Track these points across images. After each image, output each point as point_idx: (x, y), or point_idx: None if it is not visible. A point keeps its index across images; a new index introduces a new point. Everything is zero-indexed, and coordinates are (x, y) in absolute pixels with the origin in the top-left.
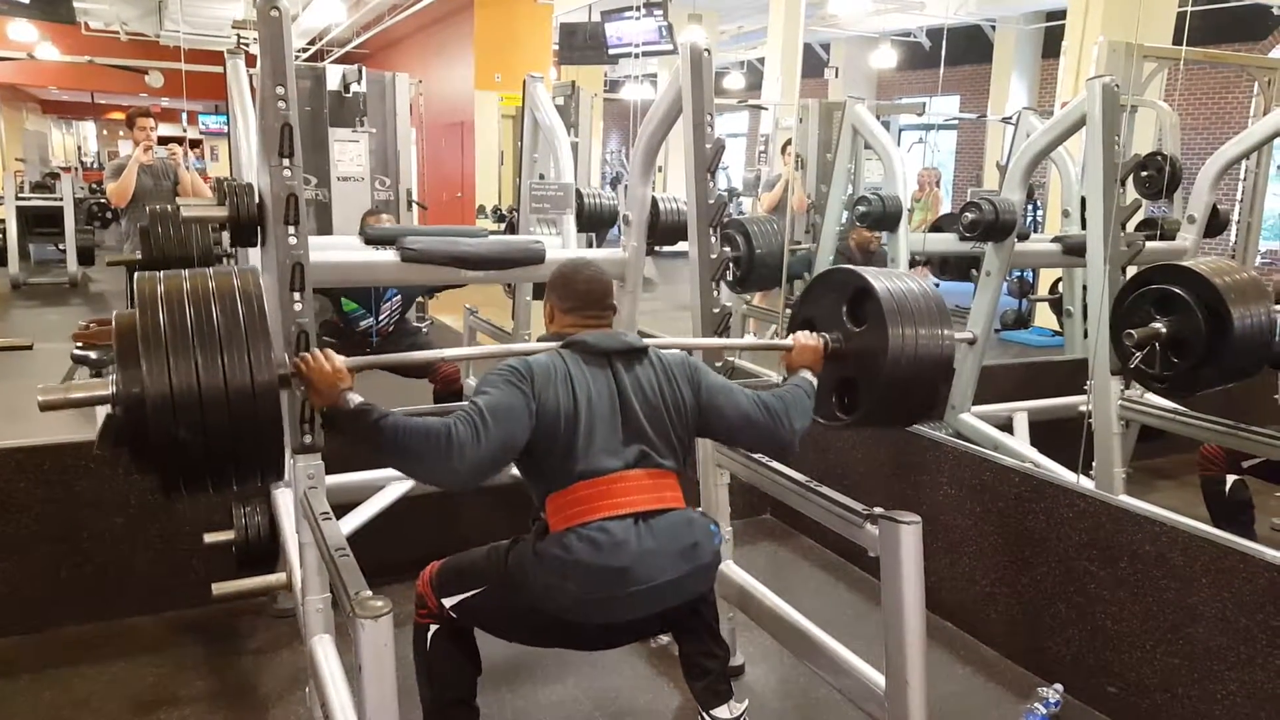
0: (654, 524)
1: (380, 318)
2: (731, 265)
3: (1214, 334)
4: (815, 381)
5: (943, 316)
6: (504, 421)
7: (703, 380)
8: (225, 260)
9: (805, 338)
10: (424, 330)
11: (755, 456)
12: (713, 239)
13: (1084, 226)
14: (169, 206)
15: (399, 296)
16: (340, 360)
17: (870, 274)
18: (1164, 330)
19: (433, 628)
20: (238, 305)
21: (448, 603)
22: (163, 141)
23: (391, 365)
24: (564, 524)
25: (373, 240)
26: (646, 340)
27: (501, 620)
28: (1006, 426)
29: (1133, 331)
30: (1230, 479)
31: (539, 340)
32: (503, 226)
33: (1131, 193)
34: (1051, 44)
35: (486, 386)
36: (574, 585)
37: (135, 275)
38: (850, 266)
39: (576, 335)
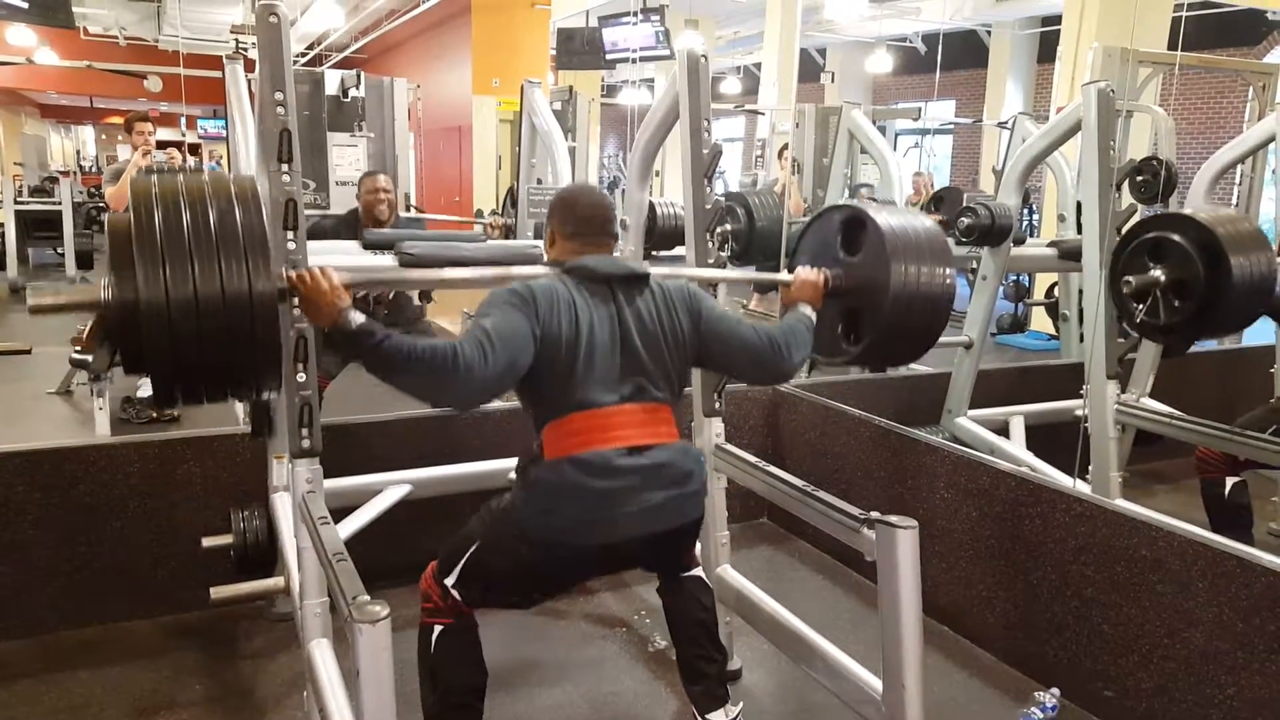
0: (647, 454)
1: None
2: (731, 239)
3: (1213, 277)
4: (814, 317)
5: (944, 251)
6: (509, 344)
7: (703, 308)
8: None
9: (806, 273)
10: (423, 305)
11: (753, 460)
12: (710, 244)
13: (1079, 231)
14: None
15: None
16: (339, 277)
17: (871, 208)
18: (1162, 277)
19: (437, 628)
20: (235, 210)
21: (449, 581)
22: (161, 146)
23: (385, 288)
24: (559, 452)
25: (371, 245)
26: (648, 267)
27: (498, 575)
28: (1003, 430)
29: (1130, 278)
30: (1230, 481)
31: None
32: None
33: (1127, 197)
34: (1047, 49)
35: (490, 309)
36: (567, 506)
37: (131, 179)
38: (851, 201)
39: (578, 260)
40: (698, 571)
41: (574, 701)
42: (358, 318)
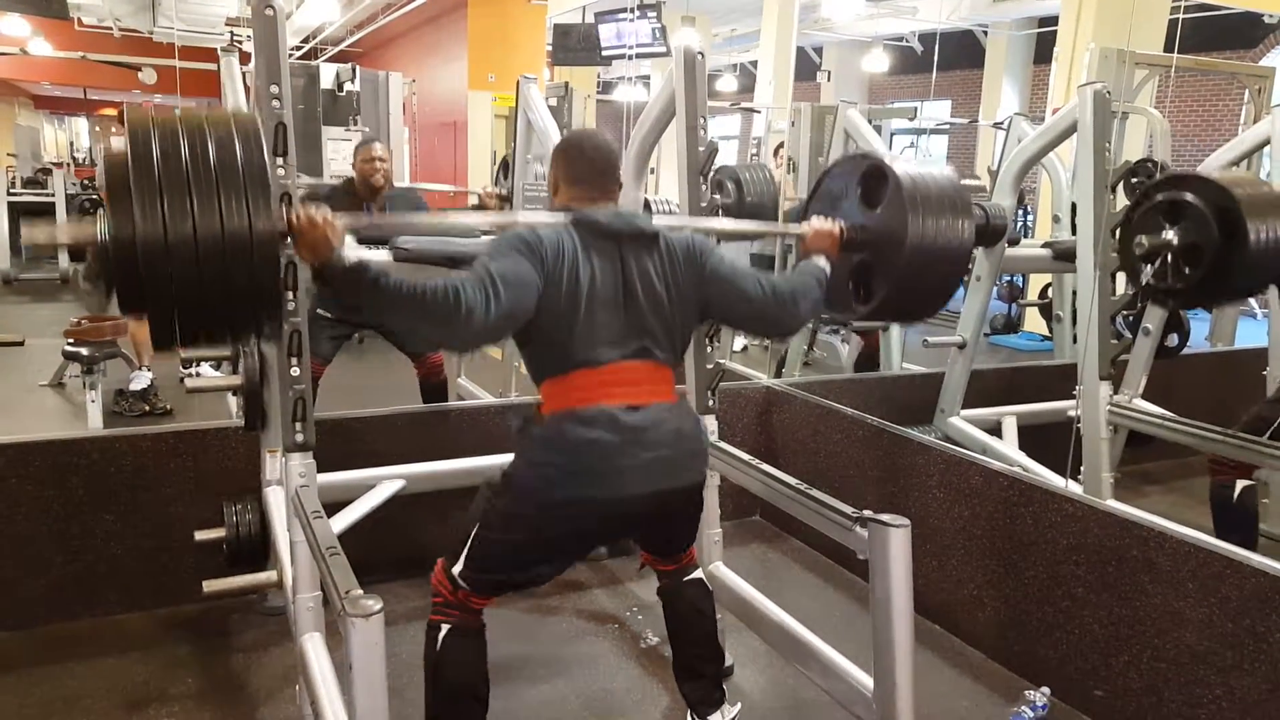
0: (646, 412)
1: None
2: (721, 213)
3: (1227, 245)
4: (828, 268)
5: (963, 204)
6: (514, 288)
7: (708, 261)
8: None
9: (821, 223)
10: None
11: (746, 458)
12: None
13: (1074, 232)
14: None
15: None
16: (332, 215)
17: (890, 157)
18: (1175, 240)
19: (445, 626)
20: (235, 144)
21: (456, 569)
22: None
23: (388, 229)
24: (556, 408)
25: (366, 240)
26: (655, 221)
27: (502, 548)
28: (996, 431)
29: (1143, 239)
30: (1240, 485)
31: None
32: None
33: (1122, 199)
34: (1043, 50)
35: (496, 252)
36: (566, 459)
37: (125, 109)
38: (868, 150)
39: (586, 212)
40: (698, 574)
41: (566, 698)
42: (351, 255)
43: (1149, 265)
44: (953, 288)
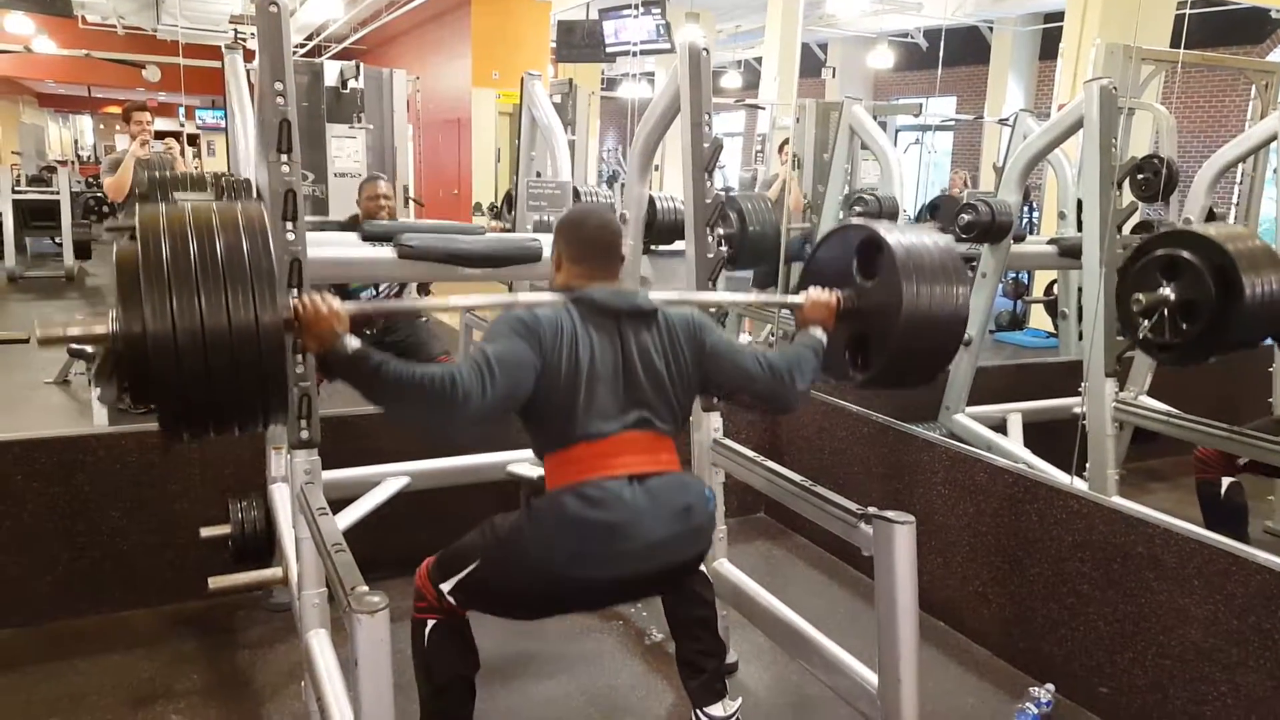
0: (649, 485)
1: (379, 293)
2: (723, 242)
3: (1223, 302)
4: (825, 339)
5: (958, 272)
6: (511, 372)
7: (706, 338)
8: None
9: (818, 294)
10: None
11: (751, 455)
12: (710, 238)
13: (1080, 229)
14: (168, 174)
15: None
16: (338, 304)
17: (884, 227)
18: (1172, 296)
19: (430, 622)
20: (242, 241)
21: (445, 587)
22: (159, 136)
23: (388, 312)
24: (561, 482)
25: (370, 237)
26: (654, 297)
27: (497, 593)
28: (1001, 427)
29: (1140, 296)
30: (1226, 482)
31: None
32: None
33: (1128, 195)
34: (1049, 46)
35: (493, 336)
36: (567, 539)
37: (137, 206)
38: (863, 221)
39: (585, 290)
40: (699, 566)
41: (570, 694)
42: (353, 343)
43: (1146, 320)
44: (950, 355)
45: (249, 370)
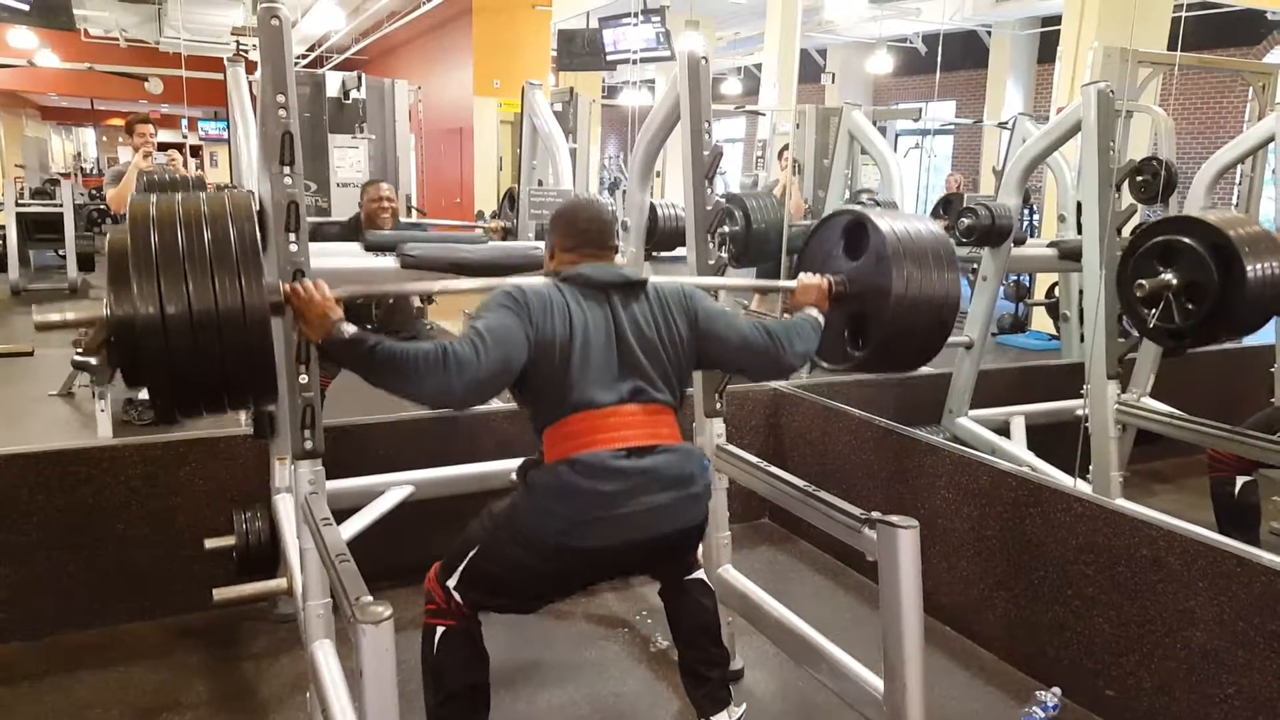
0: (647, 458)
1: None
2: (729, 241)
3: (1226, 279)
4: (821, 319)
5: (948, 255)
6: (503, 342)
7: (699, 308)
8: None
9: (809, 278)
10: (424, 306)
11: (754, 460)
12: (711, 245)
13: (1080, 231)
14: (169, 177)
15: None
16: (329, 290)
17: (873, 213)
18: (1174, 280)
19: (440, 628)
20: (229, 225)
21: (450, 583)
22: (162, 148)
23: (382, 295)
24: (558, 455)
25: (373, 246)
26: (646, 275)
27: (498, 578)
28: (1004, 430)
29: (1143, 281)
30: (1240, 480)
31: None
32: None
33: (1127, 198)
34: (1047, 49)
35: (484, 310)
36: (562, 507)
37: (130, 198)
38: (854, 207)
39: (575, 269)
40: (700, 574)
41: (576, 702)
42: (349, 328)
43: (1153, 309)
44: (943, 336)
45: (236, 349)
